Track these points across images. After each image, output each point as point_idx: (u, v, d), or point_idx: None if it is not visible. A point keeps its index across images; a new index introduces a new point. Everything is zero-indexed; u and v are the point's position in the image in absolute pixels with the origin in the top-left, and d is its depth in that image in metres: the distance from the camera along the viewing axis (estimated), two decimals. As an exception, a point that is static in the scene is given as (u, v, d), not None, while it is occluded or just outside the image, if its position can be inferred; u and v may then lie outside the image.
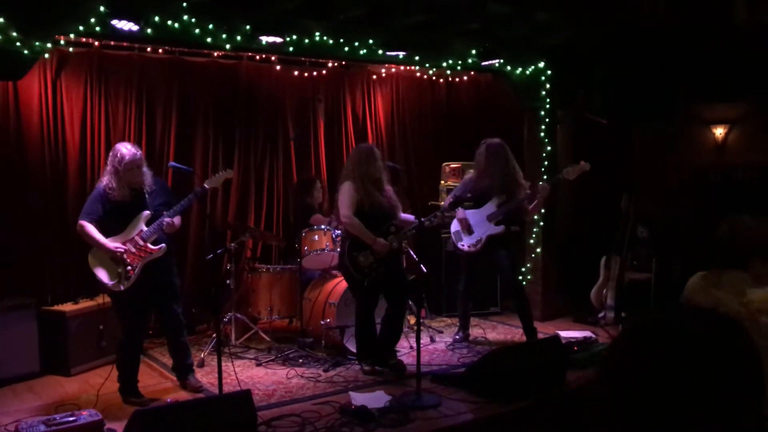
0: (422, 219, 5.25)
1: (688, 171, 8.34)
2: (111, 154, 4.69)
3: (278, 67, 7.02)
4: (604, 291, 6.63)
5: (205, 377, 5.21)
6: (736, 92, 7.74)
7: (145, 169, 4.75)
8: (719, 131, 8.30)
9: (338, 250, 5.94)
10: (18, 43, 4.43)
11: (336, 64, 7.23)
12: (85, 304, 5.62)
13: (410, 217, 5.49)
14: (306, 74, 7.24)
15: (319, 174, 7.35)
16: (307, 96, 7.39)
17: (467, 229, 5.95)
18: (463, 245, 5.99)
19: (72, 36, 5.09)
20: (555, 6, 6.16)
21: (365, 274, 5.18)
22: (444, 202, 6.25)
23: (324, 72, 7.31)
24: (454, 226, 6.09)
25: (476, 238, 5.91)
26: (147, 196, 4.74)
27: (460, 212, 5.94)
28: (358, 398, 4.57)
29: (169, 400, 4.69)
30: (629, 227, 6.75)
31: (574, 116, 7.62)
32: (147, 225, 4.69)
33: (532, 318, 6.10)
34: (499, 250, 5.90)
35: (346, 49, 5.78)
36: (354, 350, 5.53)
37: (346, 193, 5.21)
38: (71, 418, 3.65)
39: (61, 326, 5.42)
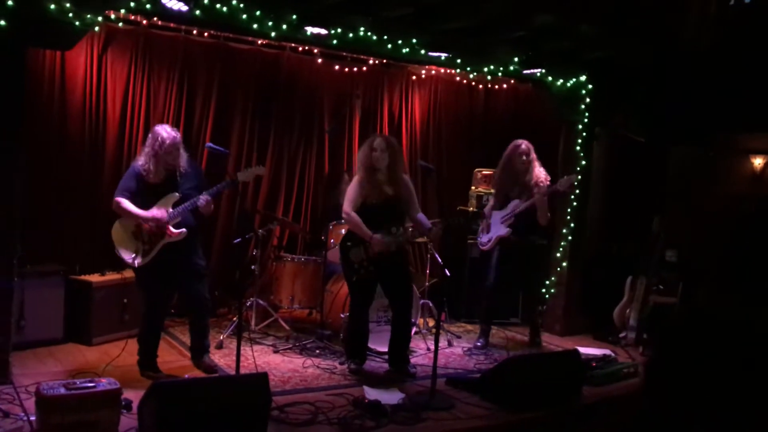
0: (431, 226, 5.21)
1: (722, 199, 8.22)
2: (150, 136, 4.77)
3: (319, 61, 7.06)
4: (628, 311, 6.56)
5: (223, 359, 5.26)
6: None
7: (182, 151, 4.83)
8: (758, 161, 8.18)
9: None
10: (70, 14, 4.51)
11: (377, 62, 7.26)
12: (111, 276, 5.71)
13: (425, 221, 5.32)
14: (346, 69, 7.27)
15: (351, 170, 7.37)
16: (346, 91, 7.43)
17: (487, 227, 6.16)
18: (481, 243, 6.23)
19: (122, 12, 5.19)
20: (601, 21, 6.12)
21: (354, 270, 5.09)
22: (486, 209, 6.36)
23: (364, 69, 7.34)
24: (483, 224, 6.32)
25: (489, 237, 6.14)
26: (179, 178, 4.81)
27: (487, 210, 6.22)
28: (372, 393, 4.58)
29: (186, 377, 4.74)
30: (658, 250, 6.68)
31: (612, 133, 7.55)
32: (174, 207, 4.76)
33: (539, 332, 6.39)
34: (518, 259, 6.02)
35: (389, 46, 5.79)
36: (373, 347, 5.53)
37: (351, 187, 5.18)
38: (90, 384, 3.70)
39: (86, 296, 5.52)
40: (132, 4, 4.75)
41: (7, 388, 4.30)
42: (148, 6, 4.80)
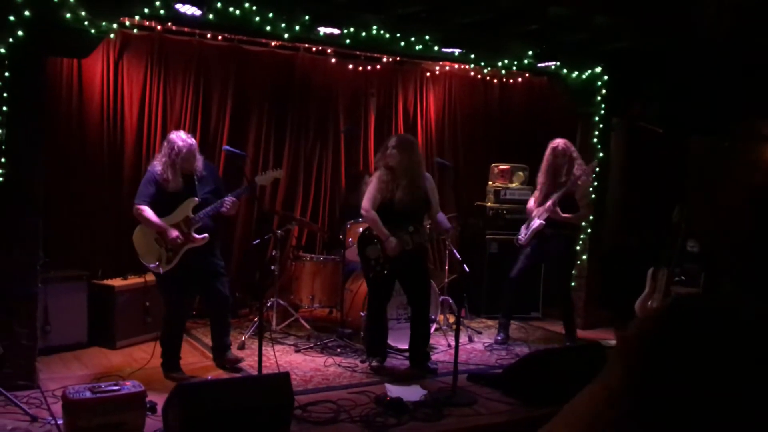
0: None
1: (744, 187, 8.11)
2: (167, 145, 4.79)
3: (333, 60, 7.08)
4: (650, 303, 6.51)
5: (246, 359, 5.28)
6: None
7: (197, 155, 4.88)
8: (780, 148, 8.06)
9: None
10: (86, 22, 4.56)
11: (390, 59, 7.26)
12: (133, 280, 5.77)
13: (445, 221, 5.31)
14: (360, 68, 7.28)
15: (367, 168, 7.38)
16: (360, 90, 7.43)
17: (528, 223, 6.11)
18: (519, 238, 6.17)
19: (136, 18, 5.24)
20: (616, 11, 6.07)
21: (371, 266, 5.12)
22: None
23: (378, 67, 7.35)
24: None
25: (525, 232, 6.09)
26: (197, 182, 4.86)
27: (531, 207, 6.16)
28: (394, 390, 4.59)
29: (209, 377, 4.78)
30: (680, 240, 6.61)
31: (629, 124, 7.49)
32: (193, 212, 4.80)
33: (574, 324, 6.16)
34: (553, 251, 6.02)
35: (402, 43, 5.79)
36: (393, 344, 5.55)
37: (370, 185, 5.20)
38: (116, 387, 3.75)
39: (109, 300, 5.58)
40: (146, 9, 4.79)
41: (35, 392, 4.36)
42: (161, 11, 4.84)
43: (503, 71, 7.12)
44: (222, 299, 5.02)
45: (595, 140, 6.89)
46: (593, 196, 6.88)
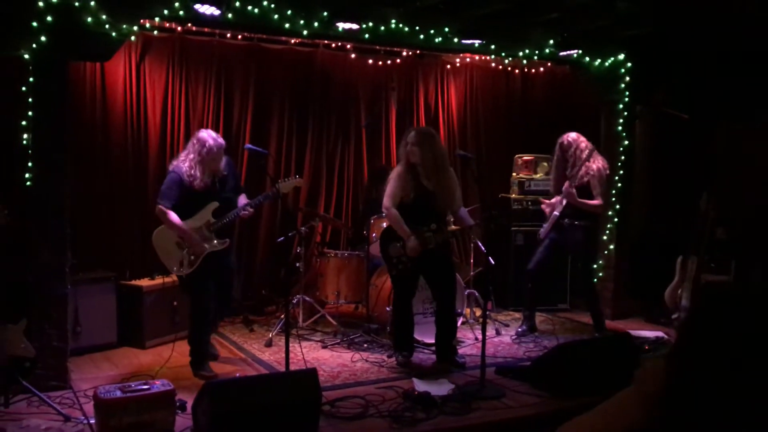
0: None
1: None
2: (196, 143, 4.80)
3: (353, 56, 7.08)
4: (679, 291, 6.41)
5: (273, 356, 5.32)
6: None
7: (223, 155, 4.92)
8: (810, 131, 7.88)
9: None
10: (107, 26, 4.60)
11: (410, 53, 7.24)
12: (160, 280, 5.80)
13: (467, 217, 5.23)
14: (380, 63, 7.27)
15: (389, 163, 7.37)
16: (381, 85, 7.42)
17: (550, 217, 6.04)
18: (540, 231, 6.12)
19: (156, 20, 5.29)
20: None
21: (393, 264, 5.08)
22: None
23: (398, 61, 7.33)
24: None
25: (545, 226, 6.04)
26: (217, 184, 4.89)
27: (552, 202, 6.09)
28: (422, 385, 4.58)
29: (237, 375, 4.81)
30: (708, 228, 6.50)
31: (654, 111, 7.38)
32: (214, 215, 4.83)
33: (601, 314, 6.07)
34: (570, 244, 5.94)
35: (422, 36, 5.76)
36: (419, 338, 5.53)
37: (391, 182, 5.11)
38: (145, 386, 3.78)
39: (137, 300, 5.64)
40: (165, 11, 4.82)
41: (67, 392, 4.42)
42: (181, 12, 4.86)
43: (524, 61, 7.06)
44: (228, 301, 5.18)
45: (620, 128, 6.80)
46: (619, 185, 6.80)
